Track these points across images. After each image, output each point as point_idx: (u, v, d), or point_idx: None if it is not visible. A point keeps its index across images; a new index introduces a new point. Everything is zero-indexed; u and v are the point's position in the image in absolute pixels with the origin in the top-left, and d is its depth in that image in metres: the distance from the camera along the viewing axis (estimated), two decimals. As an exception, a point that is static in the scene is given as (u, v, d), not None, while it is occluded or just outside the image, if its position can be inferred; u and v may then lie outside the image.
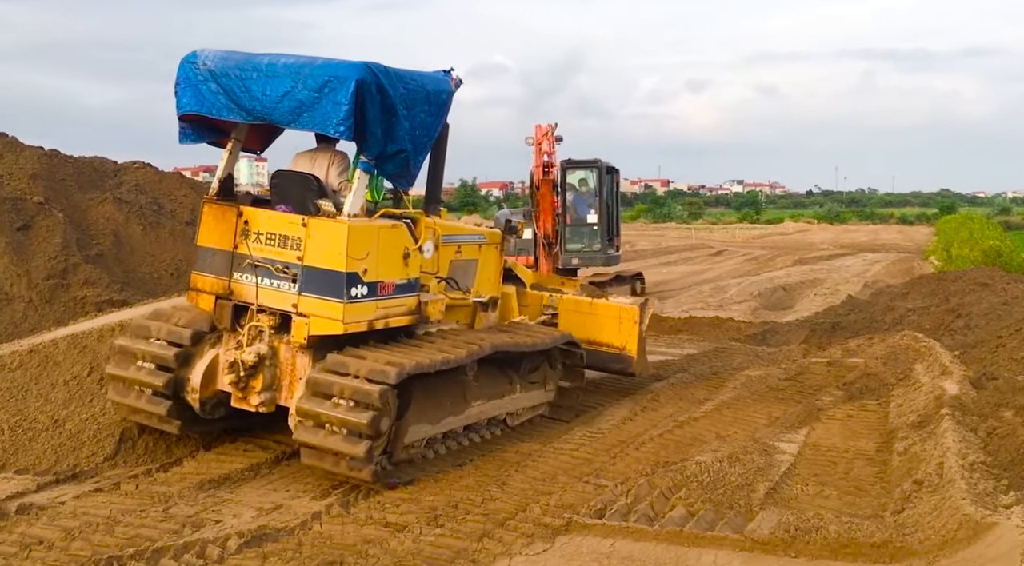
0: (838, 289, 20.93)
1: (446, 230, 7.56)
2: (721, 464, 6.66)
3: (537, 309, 9.02)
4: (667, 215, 71.58)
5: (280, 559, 5.09)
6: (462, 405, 7.05)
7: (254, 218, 6.60)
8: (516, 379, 7.72)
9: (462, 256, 7.73)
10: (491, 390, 7.39)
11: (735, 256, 32.56)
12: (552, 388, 8.24)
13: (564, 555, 5.27)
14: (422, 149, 6.77)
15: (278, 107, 6.33)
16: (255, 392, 6.50)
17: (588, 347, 8.68)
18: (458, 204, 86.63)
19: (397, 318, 6.63)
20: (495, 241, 8.23)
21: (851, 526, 5.55)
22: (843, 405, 8.90)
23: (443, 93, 6.92)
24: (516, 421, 7.87)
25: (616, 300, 9.03)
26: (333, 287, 6.22)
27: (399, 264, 6.60)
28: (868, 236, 47.44)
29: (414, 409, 6.46)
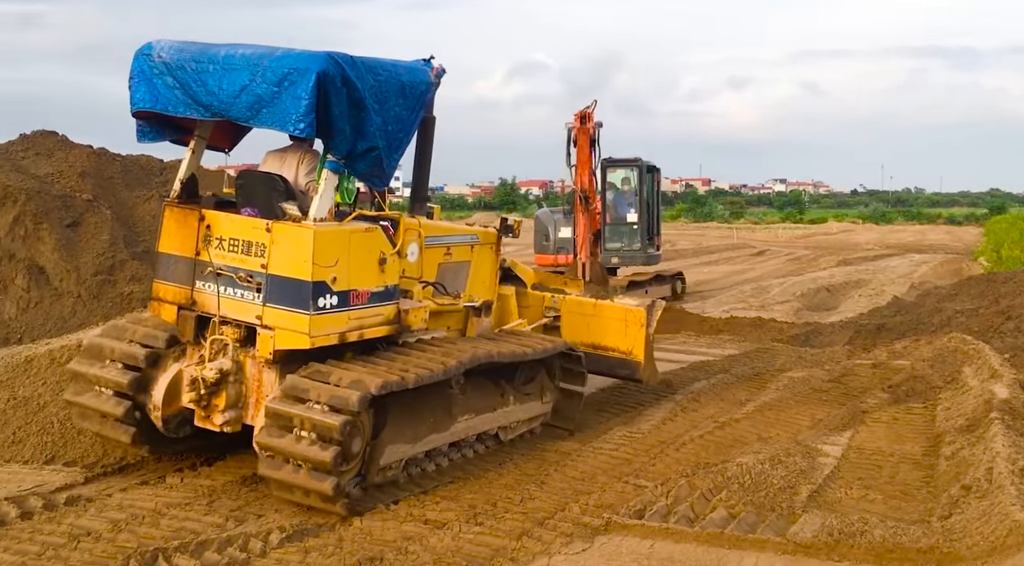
0: (883, 290, 20.59)
1: (432, 231, 7.05)
2: (763, 466, 6.59)
3: (538, 311, 8.45)
4: (708, 214, 70.96)
5: (321, 554, 5.14)
6: (447, 421, 6.51)
7: (216, 222, 6.11)
8: (509, 391, 7.17)
9: (452, 258, 7.25)
10: (481, 403, 6.85)
11: (777, 256, 32.19)
12: (549, 400, 7.66)
13: (603, 555, 5.25)
14: (398, 146, 6.25)
15: (236, 102, 5.83)
16: (218, 411, 6.00)
17: (593, 351, 8.19)
18: (498, 203, 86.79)
19: (373, 329, 6.11)
20: (489, 241, 7.70)
21: (897, 531, 5.46)
22: (888, 408, 8.75)
23: (421, 84, 6.38)
24: (510, 436, 7.30)
25: (622, 301, 8.45)
26: (298, 297, 5.71)
27: (374, 271, 6.09)
28: (915, 236, 46.61)
29: (391, 427, 5.98)
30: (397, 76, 6.17)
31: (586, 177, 15.94)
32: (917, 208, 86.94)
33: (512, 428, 7.31)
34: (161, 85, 6.09)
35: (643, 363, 8.23)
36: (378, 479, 5.97)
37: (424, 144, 7.02)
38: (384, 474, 6.04)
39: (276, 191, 6.07)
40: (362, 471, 5.86)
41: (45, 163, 15.61)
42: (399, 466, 6.17)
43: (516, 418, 7.29)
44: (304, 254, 5.72)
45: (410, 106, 6.28)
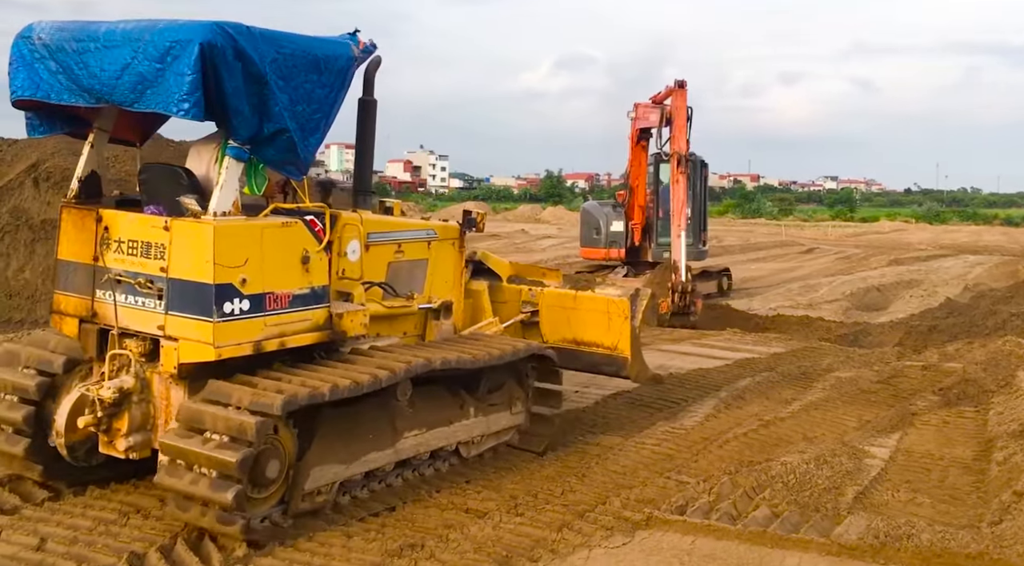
0: (936, 291, 20.19)
1: (377, 227, 6.38)
2: (808, 466, 6.51)
3: (516, 306, 7.70)
4: (756, 211, 70.12)
5: (363, 539, 5.19)
6: (391, 437, 5.84)
7: (114, 223, 5.45)
8: (470, 402, 6.45)
9: (405, 256, 6.59)
10: (434, 416, 6.16)
11: (827, 254, 31.70)
12: (521, 410, 6.87)
13: (644, 550, 5.23)
14: (314, 129, 5.50)
15: (118, 85, 5.15)
16: (121, 435, 5.33)
17: (576, 348, 7.51)
18: (544, 195, 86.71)
19: (299, 336, 5.44)
20: (450, 237, 6.99)
21: (945, 535, 5.36)
22: (939, 411, 8.59)
23: (341, 58, 5.63)
24: (474, 451, 6.57)
25: (603, 291, 7.62)
26: (201, 303, 5.05)
27: (296, 270, 5.40)
28: (970, 237, 45.57)
29: (319, 446, 5.35)
30: (307, 49, 5.45)
31: (683, 141, 15.57)
32: (973, 208, 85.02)
33: (476, 443, 6.56)
34: (43, 70, 5.43)
35: (630, 359, 7.41)
36: (305, 506, 5.33)
37: (364, 131, 6.37)
38: (313, 500, 5.37)
39: (180, 185, 5.45)
40: (285, 498, 5.25)
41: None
42: (331, 490, 5.49)
43: (479, 432, 6.54)
44: (204, 253, 5.04)
45: (328, 83, 5.53)
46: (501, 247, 32.03)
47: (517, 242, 34.25)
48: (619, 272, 18.37)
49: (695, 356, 11.53)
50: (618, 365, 7.47)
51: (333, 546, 5.09)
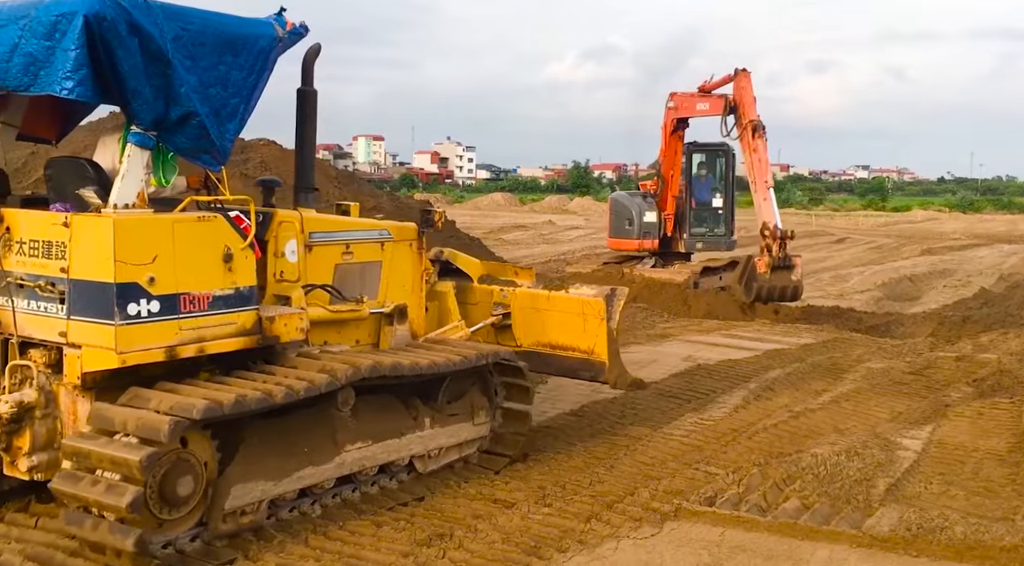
0: (970, 281, 19.93)
1: (321, 226, 5.94)
2: (839, 457, 6.45)
3: (487, 308, 7.22)
4: (786, 200, 69.32)
5: (393, 529, 5.22)
6: (330, 450, 5.39)
7: (15, 223, 4.98)
8: (425, 412, 5.99)
9: (354, 258, 6.14)
10: (381, 428, 5.71)
11: (858, 244, 31.37)
12: (485, 420, 6.38)
13: (672, 541, 5.21)
14: (231, 114, 5.06)
15: (10, 68, 4.72)
16: (23, 454, 4.82)
17: (551, 352, 7.04)
18: (571, 185, 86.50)
19: (222, 341, 4.96)
20: (407, 237, 6.52)
21: (979, 528, 5.29)
22: (973, 402, 8.49)
23: (260, 39, 5.17)
24: (431, 466, 6.08)
25: (578, 292, 7.15)
26: (102, 305, 4.60)
27: (217, 269, 4.94)
28: (1005, 226, 44.89)
29: (244, 460, 4.90)
30: (219, 27, 5.01)
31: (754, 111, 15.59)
32: (1008, 197, 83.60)
33: (432, 457, 6.07)
34: None
35: (608, 364, 6.87)
36: (227, 527, 4.86)
37: (303, 124, 5.94)
38: (236, 520, 4.90)
39: (84, 177, 5.06)
40: (203, 519, 4.81)
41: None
42: (258, 509, 5.01)
43: (436, 444, 6.07)
44: (104, 250, 4.59)
45: (245, 66, 5.09)
46: (528, 238, 32.02)
47: (544, 233, 34.21)
48: (647, 263, 18.30)
49: (724, 347, 11.47)
50: (595, 370, 6.94)
51: (363, 535, 5.12)
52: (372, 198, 19.54)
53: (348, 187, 19.33)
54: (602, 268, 18.51)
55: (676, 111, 17.18)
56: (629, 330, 12.79)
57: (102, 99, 4.76)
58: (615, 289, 7.23)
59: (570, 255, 24.35)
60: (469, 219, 35.07)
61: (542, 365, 7.10)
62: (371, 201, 19.12)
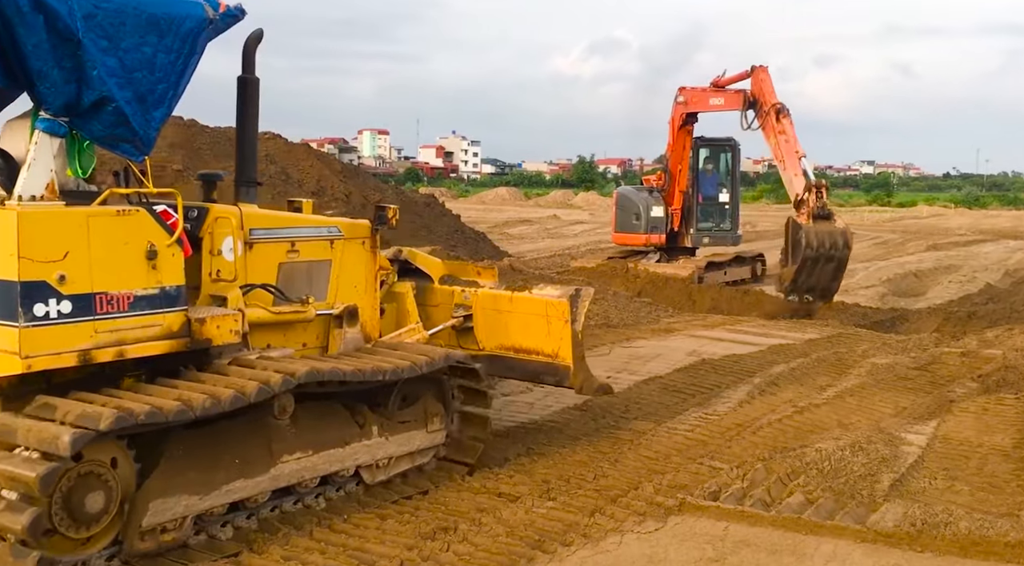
0: (975, 277, 19.88)
1: (263, 222, 5.60)
2: (843, 452, 6.45)
3: (448, 309, 6.93)
4: (791, 195, 69.29)
5: (397, 522, 5.23)
6: (264, 461, 5.02)
7: None
8: (373, 419, 5.65)
9: (300, 257, 5.80)
10: (323, 436, 5.36)
11: (863, 240, 31.25)
12: (440, 427, 6.05)
13: (676, 535, 5.22)
14: (158, 101, 4.72)
15: None
16: None
17: (515, 356, 6.74)
18: (576, 180, 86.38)
19: (145, 344, 4.61)
20: (360, 235, 6.20)
21: (983, 523, 5.29)
22: (978, 398, 8.47)
23: (187, 19, 4.80)
24: (380, 476, 5.73)
25: (542, 293, 6.78)
26: (5, 305, 4.27)
27: (139, 267, 4.59)
28: (1011, 222, 44.70)
29: (165, 473, 4.57)
30: (141, 6, 4.66)
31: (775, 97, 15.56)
32: (1014, 193, 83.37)
33: (382, 467, 5.73)
34: None
35: (573, 368, 6.55)
36: (146, 545, 4.53)
37: (244, 113, 5.64)
38: (156, 537, 4.56)
39: None
40: (119, 537, 4.48)
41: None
42: (181, 526, 4.67)
43: (385, 453, 5.72)
44: (7, 246, 4.26)
45: (172, 48, 4.74)
46: (533, 233, 32.00)
47: (549, 227, 34.19)
48: (652, 258, 18.31)
49: (728, 342, 11.46)
50: (560, 374, 6.61)
51: (368, 528, 5.14)
52: (377, 192, 19.60)
53: (353, 181, 19.40)
54: (607, 263, 18.53)
55: (686, 106, 17.17)
56: (634, 325, 12.79)
57: (5, 82, 4.47)
58: (580, 289, 6.87)
59: (575, 250, 24.34)
60: (474, 213, 35.05)
61: (505, 369, 6.82)
62: (376, 195, 19.18)
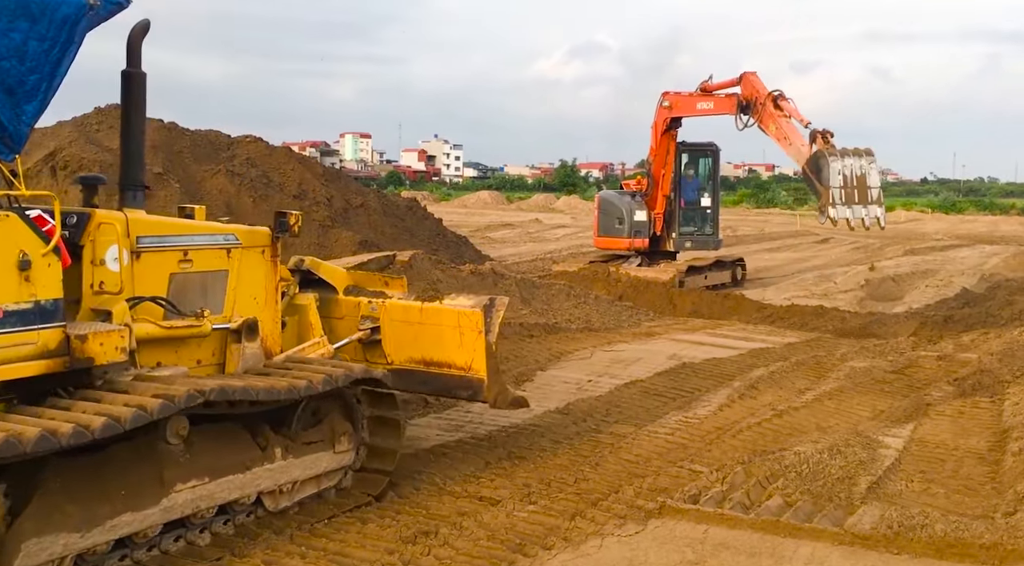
0: (952, 281, 20.07)
1: (152, 229, 5.15)
2: (821, 455, 6.51)
3: (355, 321, 6.56)
4: (771, 200, 69.83)
5: (378, 526, 5.23)
6: (155, 491, 4.58)
7: None
8: (276, 441, 5.25)
9: (194, 267, 5.37)
10: (221, 461, 4.93)
11: (842, 244, 31.53)
12: (348, 448, 5.69)
13: (656, 538, 5.24)
14: (30, 94, 4.34)
15: None
16: None
17: (426, 370, 6.41)
18: (558, 184, 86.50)
19: (16, 365, 4.18)
20: (259, 243, 5.78)
21: (959, 526, 5.35)
22: (954, 401, 8.57)
23: (63, 5, 4.40)
24: (284, 502, 5.34)
25: (453, 303, 6.45)
26: None
27: (10, 278, 4.17)
28: (987, 227, 45.23)
29: (37, 511, 4.13)
30: None
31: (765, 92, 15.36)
32: (990, 198, 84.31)
33: (286, 492, 5.33)
34: None
35: (487, 381, 6.27)
36: None
37: (130, 111, 5.22)
38: None
39: None
40: None
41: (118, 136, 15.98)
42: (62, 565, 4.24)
43: (290, 477, 5.32)
44: None
45: (47, 36, 4.34)
46: (515, 237, 32.03)
47: (531, 231, 34.22)
48: (633, 262, 18.37)
49: (709, 345, 11.53)
50: (474, 388, 6.32)
51: (348, 532, 5.14)
52: (359, 195, 19.55)
53: (334, 184, 19.33)
54: (588, 267, 18.58)
55: (671, 110, 17.24)
56: (615, 329, 12.84)
57: None
58: (494, 299, 6.67)
59: (556, 253, 24.37)
60: (456, 217, 35.04)
61: (416, 384, 6.52)
62: (358, 198, 19.13)
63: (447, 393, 6.66)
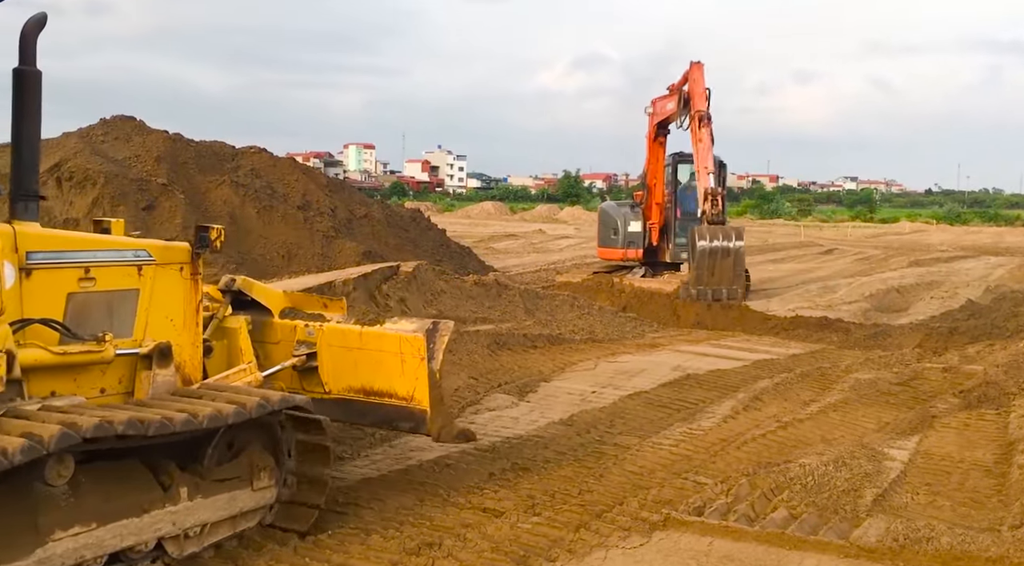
0: (957, 293, 20.03)
1: (46, 243, 4.64)
2: (826, 467, 6.48)
3: (290, 346, 6.06)
4: (775, 211, 69.94)
5: (382, 537, 5.21)
6: (27, 541, 4.00)
7: None
8: (182, 479, 4.66)
9: (97, 286, 4.83)
10: (112, 504, 4.34)
11: (846, 255, 31.52)
12: (269, 484, 5.10)
13: (661, 551, 5.22)
14: None
15: None
16: None
17: (364, 399, 5.92)
18: (561, 195, 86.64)
19: None
20: (176, 260, 5.24)
21: (965, 538, 5.32)
22: (959, 413, 8.53)
23: None
24: (191, 548, 4.73)
25: (395, 327, 5.95)
26: None
27: None
28: (992, 238, 45.20)
29: None
30: None
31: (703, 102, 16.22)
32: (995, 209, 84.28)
33: (192, 537, 4.73)
34: None
35: (430, 412, 5.81)
36: None
37: (23, 113, 4.72)
38: None
39: None
40: None
41: (123, 147, 16.10)
42: None
43: (197, 520, 4.72)
44: None
45: None
46: (519, 247, 32.05)
47: (535, 242, 34.25)
48: (636, 272, 18.39)
49: (713, 357, 11.51)
50: (416, 420, 5.83)
51: (352, 543, 5.11)
52: (363, 206, 19.59)
53: (338, 195, 19.38)
54: (592, 277, 18.60)
55: (655, 116, 17.41)
56: (619, 340, 12.83)
57: None
58: (438, 323, 6.20)
59: (560, 264, 24.39)
60: (460, 228, 35.09)
61: (355, 415, 6.04)
62: (362, 209, 19.17)
63: (388, 425, 6.12)
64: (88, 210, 13.55)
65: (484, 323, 12.75)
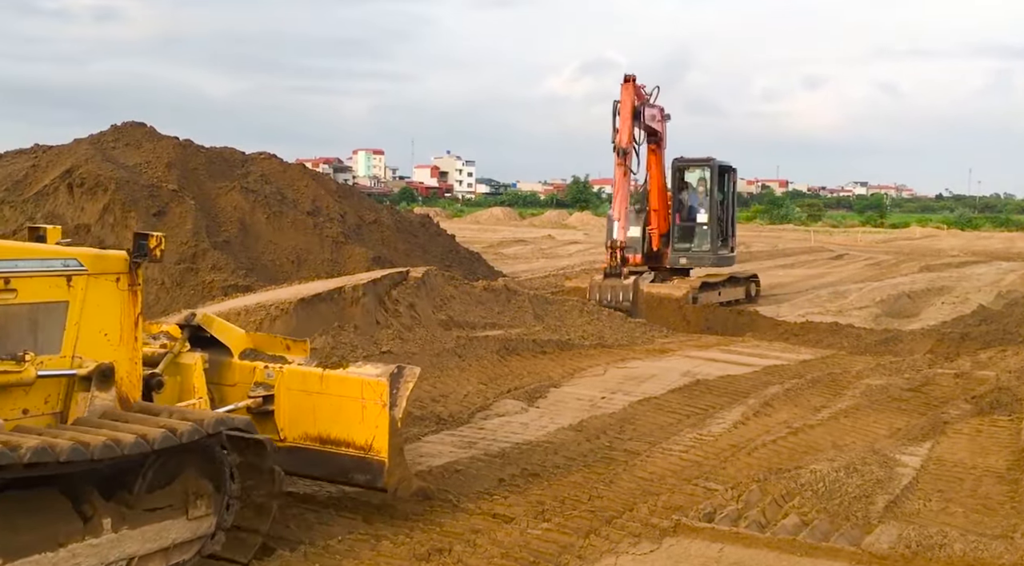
0: (968, 298, 19.93)
1: None
2: (838, 474, 6.46)
3: (247, 388, 5.68)
4: (784, 216, 69.78)
5: (392, 543, 5.21)
6: None
7: None
8: (105, 509, 4.24)
9: (18, 298, 4.44)
10: (22, 538, 3.95)
11: (856, 260, 31.42)
12: (206, 512, 4.68)
13: (671, 557, 5.20)
14: None
15: None
16: None
17: (320, 448, 5.52)
18: (570, 200, 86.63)
19: None
20: (112, 270, 4.81)
21: (978, 545, 5.29)
22: (971, 419, 8.49)
23: None
24: None
25: (359, 371, 5.65)
26: None
27: None
28: (1003, 243, 44.97)
29: None
30: None
31: (625, 134, 16.04)
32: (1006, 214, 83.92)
33: None
34: None
35: (388, 464, 5.41)
36: None
37: None
38: None
39: None
40: None
41: (134, 153, 16.17)
42: None
43: (123, 554, 4.31)
44: None
45: None
46: (528, 253, 32.06)
47: (543, 247, 34.25)
48: (647, 277, 18.36)
49: (723, 362, 11.48)
50: (373, 472, 5.42)
51: (362, 549, 5.11)
52: (372, 212, 19.63)
53: (348, 201, 19.43)
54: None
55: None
56: (628, 345, 12.81)
57: None
58: (403, 367, 5.83)
59: (569, 269, 24.37)
60: (469, 233, 35.12)
61: (307, 465, 5.59)
62: (371, 215, 19.20)
63: (342, 478, 5.65)
64: (99, 216, 13.62)
65: (493, 328, 12.75)
